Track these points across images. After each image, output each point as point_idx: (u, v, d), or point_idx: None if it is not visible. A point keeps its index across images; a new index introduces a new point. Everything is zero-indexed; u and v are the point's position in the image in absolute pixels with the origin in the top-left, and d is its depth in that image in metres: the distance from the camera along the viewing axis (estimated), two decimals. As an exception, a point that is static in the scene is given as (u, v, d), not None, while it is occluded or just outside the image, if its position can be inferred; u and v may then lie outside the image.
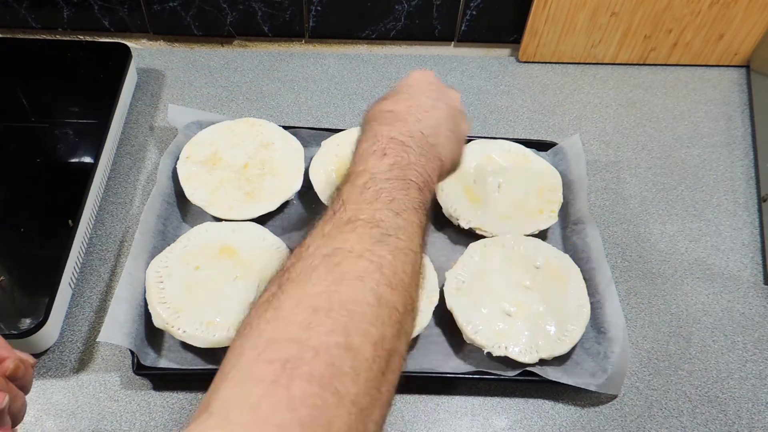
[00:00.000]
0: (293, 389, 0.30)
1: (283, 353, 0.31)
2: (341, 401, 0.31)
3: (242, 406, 0.30)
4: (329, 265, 0.35)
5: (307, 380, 0.30)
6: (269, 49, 0.92)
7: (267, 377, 0.30)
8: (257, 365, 0.31)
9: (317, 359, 0.31)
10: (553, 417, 0.62)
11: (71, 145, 0.74)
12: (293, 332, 0.32)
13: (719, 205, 0.78)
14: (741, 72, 0.92)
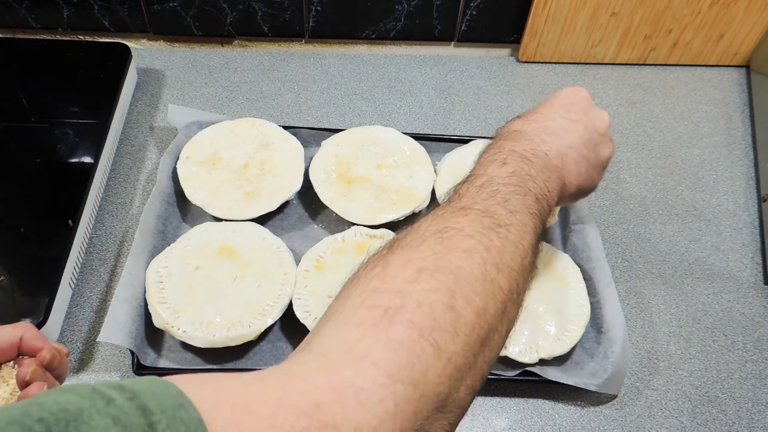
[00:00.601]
0: (392, 332, 0.30)
1: (386, 301, 0.32)
2: (439, 354, 0.31)
3: (340, 344, 0.31)
4: (440, 237, 0.36)
5: (408, 326, 0.31)
6: (269, 49, 0.92)
7: (368, 321, 0.31)
8: (360, 310, 0.32)
9: (419, 310, 0.32)
10: (553, 417, 0.62)
11: (71, 145, 0.74)
12: (398, 285, 0.33)
13: (719, 205, 0.78)
14: (741, 72, 0.92)
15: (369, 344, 0.30)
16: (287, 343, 0.64)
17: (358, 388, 0.29)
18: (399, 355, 0.30)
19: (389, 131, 0.76)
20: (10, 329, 0.44)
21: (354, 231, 0.68)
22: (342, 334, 0.32)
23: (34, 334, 0.44)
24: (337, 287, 0.62)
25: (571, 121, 0.50)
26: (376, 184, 0.72)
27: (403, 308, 0.32)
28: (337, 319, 0.33)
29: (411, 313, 0.31)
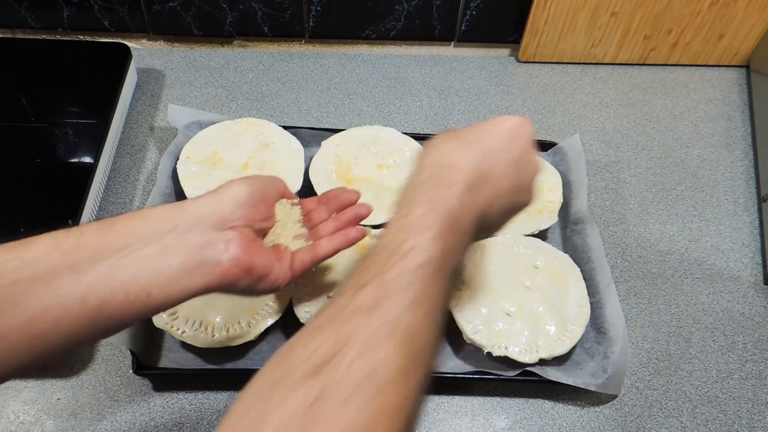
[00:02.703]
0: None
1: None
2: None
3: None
4: (364, 396, 0.33)
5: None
6: (269, 49, 0.92)
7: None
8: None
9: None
10: (553, 417, 0.62)
11: (71, 145, 0.74)
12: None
13: (719, 205, 0.78)
14: (741, 72, 0.92)
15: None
16: (287, 343, 0.64)
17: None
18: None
19: (389, 131, 0.76)
20: (274, 178, 0.53)
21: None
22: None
23: (286, 186, 0.54)
24: (337, 287, 0.63)
25: (508, 163, 0.47)
26: (376, 184, 0.72)
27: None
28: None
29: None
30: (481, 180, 0.45)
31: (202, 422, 0.60)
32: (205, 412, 0.60)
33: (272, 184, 0.52)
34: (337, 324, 0.36)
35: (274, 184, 0.53)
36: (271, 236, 0.52)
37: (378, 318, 0.36)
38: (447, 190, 0.43)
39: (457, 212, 0.42)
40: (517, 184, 0.48)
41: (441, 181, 0.44)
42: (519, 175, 0.48)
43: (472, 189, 0.44)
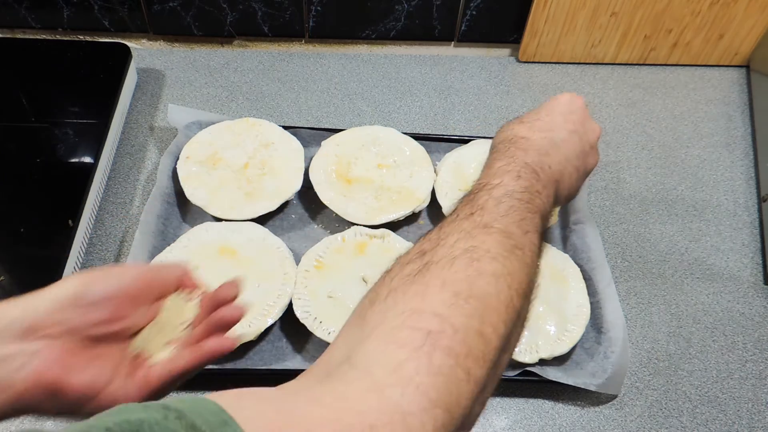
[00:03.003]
0: (434, 358, 0.32)
1: (427, 324, 0.34)
2: (468, 379, 0.34)
3: (386, 364, 0.32)
4: (469, 259, 0.38)
5: (447, 353, 0.33)
6: (269, 49, 0.92)
7: (411, 342, 0.33)
8: (402, 330, 0.34)
9: (456, 336, 0.34)
10: (553, 417, 0.62)
11: (71, 145, 0.74)
12: (437, 308, 0.35)
13: (719, 205, 0.78)
14: (741, 72, 0.92)
15: (414, 368, 0.32)
16: (287, 343, 0.64)
17: (405, 412, 0.31)
18: (439, 381, 0.32)
19: (389, 131, 0.76)
20: (174, 265, 0.48)
21: (354, 231, 0.68)
22: (386, 353, 0.33)
23: (191, 273, 0.49)
24: (337, 287, 0.63)
25: (570, 132, 0.52)
26: (376, 184, 0.72)
27: (442, 333, 0.34)
28: (378, 336, 0.34)
29: (449, 339, 0.34)
30: (551, 147, 0.49)
31: (202, 422, 0.60)
32: (205, 412, 0.60)
33: (152, 275, 0.45)
34: (436, 232, 0.41)
35: (157, 273, 0.45)
36: (139, 341, 0.43)
37: (473, 221, 0.41)
38: (522, 152, 0.48)
39: (534, 166, 0.47)
40: (582, 147, 0.52)
41: (516, 149, 0.48)
42: (582, 139, 0.52)
43: (543, 154, 0.48)
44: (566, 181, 0.50)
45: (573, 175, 0.51)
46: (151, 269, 0.46)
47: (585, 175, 0.54)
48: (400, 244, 0.67)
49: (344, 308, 0.62)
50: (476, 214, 0.42)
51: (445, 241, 0.40)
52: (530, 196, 0.44)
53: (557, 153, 0.50)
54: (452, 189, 0.72)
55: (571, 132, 0.52)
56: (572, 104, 0.54)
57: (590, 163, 0.54)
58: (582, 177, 0.54)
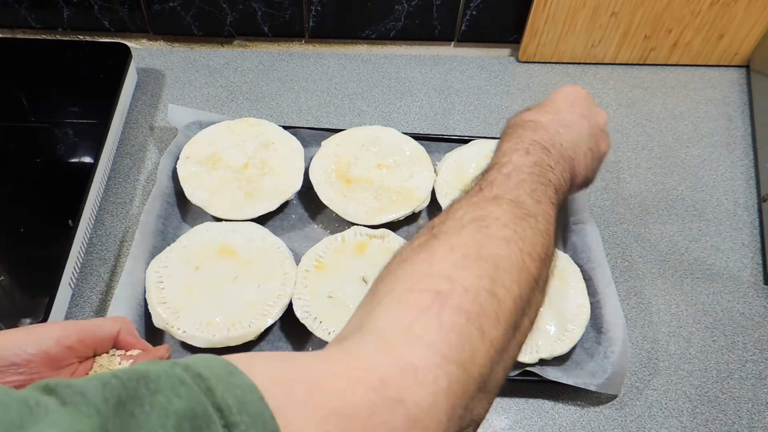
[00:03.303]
0: (444, 316, 0.33)
1: (435, 286, 0.34)
2: (483, 337, 0.33)
3: (396, 326, 0.33)
4: (478, 226, 0.38)
5: (457, 311, 0.33)
6: (269, 49, 0.92)
7: (420, 304, 0.33)
8: (411, 294, 0.34)
9: (466, 295, 0.34)
10: (553, 417, 0.62)
11: (71, 145, 0.74)
12: (446, 270, 0.35)
13: (719, 205, 0.78)
14: (741, 72, 0.92)
15: (423, 326, 0.32)
16: (287, 343, 0.64)
17: (416, 367, 0.31)
18: (450, 337, 0.32)
19: (389, 131, 0.76)
20: (111, 321, 0.46)
21: (354, 231, 0.68)
22: (396, 316, 0.33)
23: (130, 330, 0.46)
24: (337, 287, 0.63)
25: (578, 116, 0.52)
26: (376, 184, 0.72)
27: (452, 293, 0.34)
28: (389, 302, 0.34)
29: (459, 298, 0.33)
30: (561, 126, 0.50)
31: (202, 422, 0.60)
32: (205, 412, 0.60)
33: (82, 333, 0.43)
34: (446, 210, 0.41)
35: (89, 331, 0.43)
36: None
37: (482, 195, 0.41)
38: (530, 132, 0.48)
39: (544, 143, 0.47)
40: (591, 130, 0.53)
41: (523, 130, 0.49)
42: (590, 123, 0.53)
43: (553, 132, 0.49)
44: (581, 162, 0.51)
45: (588, 156, 0.52)
46: (83, 327, 0.43)
47: (599, 159, 0.55)
48: (400, 244, 0.67)
49: (344, 308, 0.62)
50: (485, 189, 0.42)
51: (455, 214, 0.40)
52: (541, 170, 0.44)
53: (567, 132, 0.50)
54: (452, 189, 0.72)
55: (580, 116, 0.53)
56: (576, 93, 0.55)
57: (603, 146, 0.55)
58: (597, 160, 0.54)
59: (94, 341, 0.44)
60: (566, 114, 0.52)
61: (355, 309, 0.37)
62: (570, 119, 0.51)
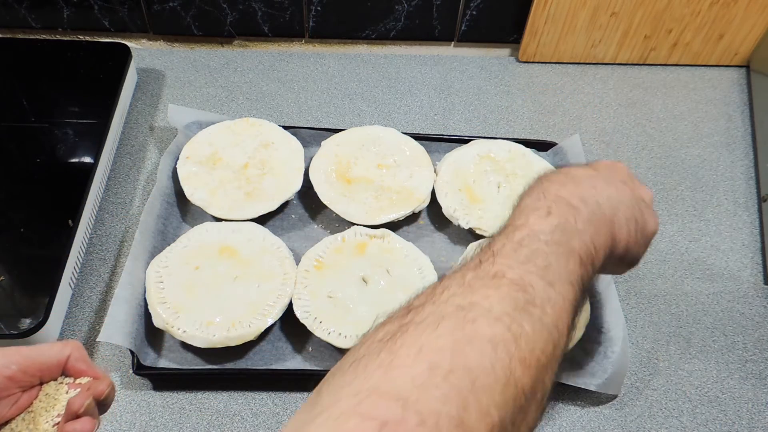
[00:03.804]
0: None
1: (384, 411, 0.27)
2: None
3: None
4: (461, 319, 0.31)
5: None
6: (269, 49, 0.92)
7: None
8: (351, 418, 0.27)
9: (421, 428, 0.26)
10: (553, 417, 0.62)
11: (71, 145, 0.74)
12: (402, 387, 0.28)
13: (719, 205, 0.78)
14: (741, 72, 0.92)
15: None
16: (287, 343, 0.64)
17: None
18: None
19: (389, 131, 0.76)
20: (59, 347, 0.42)
21: (354, 231, 0.68)
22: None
23: (81, 356, 0.43)
24: (337, 287, 0.63)
25: (620, 182, 0.45)
26: (376, 184, 0.72)
27: (402, 424, 0.26)
28: (323, 421, 0.28)
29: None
30: (597, 181, 0.42)
31: (202, 422, 0.60)
32: (205, 412, 0.60)
33: (25, 362, 0.40)
34: (434, 285, 0.34)
35: (34, 358, 0.41)
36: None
37: (480, 271, 0.34)
38: (557, 185, 0.41)
39: (572, 199, 0.39)
40: (635, 199, 0.45)
41: (549, 182, 0.41)
42: (633, 191, 0.45)
43: (587, 187, 0.41)
44: (623, 227, 0.42)
45: (631, 222, 0.43)
46: (27, 355, 0.41)
47: (645, 236, 0.46)
48: (400, 244, 0.67)
49: (344, 308, 0.62)
50: (486, 262, 0.35)
51: (438, 297, 0.32)
52: (563, 237, 0.37)
53: (606, 188, 0.41)
54: (452, 189, 0.72)
55: (620, 181, 0.44)
56: (614, 165, 0.47)
57: (650, 223, 0.46)
58: (643, 236, 0.45)
59: (40, 369, 0.41)
60: (605, 174, 0.44)
61: (295, 413, 0.31)
62: (610, 179, 0.43)
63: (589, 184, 0.41)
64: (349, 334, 0.60)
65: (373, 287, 0.64)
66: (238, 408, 0.61)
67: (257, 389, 0.62)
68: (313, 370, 0.62)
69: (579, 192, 0.40)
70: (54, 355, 0.42)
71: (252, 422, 0.60)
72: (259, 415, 0.60)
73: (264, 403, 0.61)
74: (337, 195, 0.71)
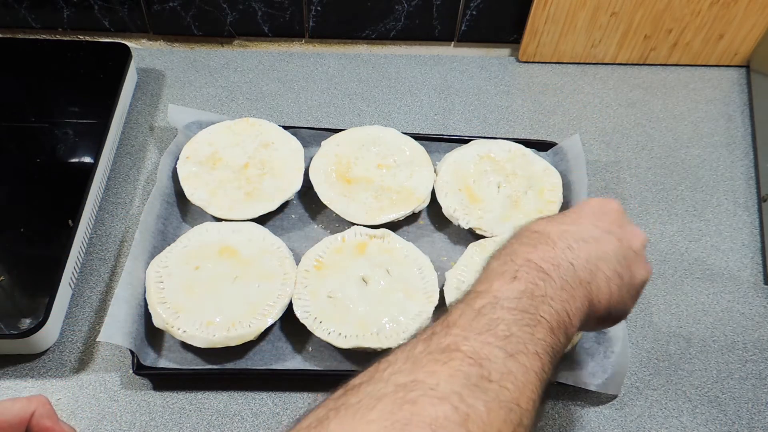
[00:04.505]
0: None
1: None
2: None
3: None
4: (400, 399, 0.27)
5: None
6: (269, 49, 0.92)
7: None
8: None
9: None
10: (553, 417, 0.62)
11: (71, 145, 0.74)
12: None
13: (719, 205, 0.78)
14: (741, 72, 0.92)
15: None
16: (287, 343, 0.64)
17: None
18: None
19: (389, 131, 0.76)
20: (23, 403, 0.40)
21: (354, 231, 0.68)
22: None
23: (46, 412, 0.41)
24: (337, 287, 0.63)
25: (603, 231, 0.42)
26: (376, 184, 0.72)
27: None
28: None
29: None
30: (575, 241, 0.39)
31: (202, 422, 0.60)
32: (205, 412, 0.60)
33: (19, 411, 0.40)
34: (381, 360, 0.31)
35: (22, 410, 0.40)
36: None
37: (431, 344, 0.30)
38: (528, 248, 0.38)
39: (542, 263, 0.36)
40: (622, 251, 0.42)
41: (519, 244, 0.39)
42: (621, 241, 0.42)
43: (563, 248, 0.38)
44: (604, 287, 0.39)
45: (613, 281, 0.40)
46: None
47: (633, 288, 0.43)
48: (400, 244, 0.67)
49: (344, 308, 0.62)
50: (439, 334, 0.31)
51: (380, 374, 0.29)
52: (530, 304, 0.34)
53: (584, 249, 0.39)
54: (452, 189, 0.72)
55: (605, 231, 0.42)
56: (606, 205, 0.45)
57: (638, 273, 0.43)
58: (629, 290, 0.43)
59: (1, 429, 0.39)
60: (587, 226, 0.41)
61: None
62: (591, 233, 0.41)
63: (564, 244, 0.39)
64: (349, 334, 0.60)
65: (373, 287, 0.64)
66: (238, 408, 0.61)
67: (257, 389, 0.62)
68: (313, 370, 0.62)
69: (552, 255, 0.37)
70: (16, 412, 0.40)
71: (252, 422, 0.60)
72: (259, 415, 0.61)
73: (264, 403, 0.61)
74: (337, 195, 0.71)
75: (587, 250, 0.39)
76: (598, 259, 0.39)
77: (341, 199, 0.71)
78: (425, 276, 0.65)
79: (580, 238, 0.39)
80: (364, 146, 0.75)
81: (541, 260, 0.36)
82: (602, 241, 0.41)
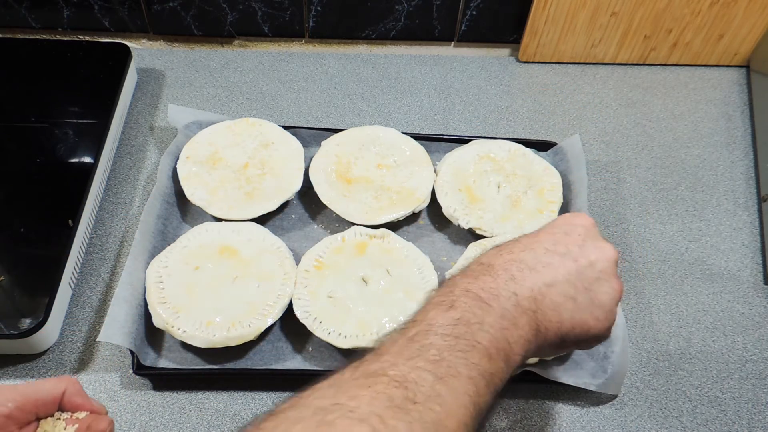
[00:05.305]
0: None
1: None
2: None
3: None
4: (318, 421, 0.27)
5: None
6: (269, 49, 0.92)
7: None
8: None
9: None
10: (553, 417, 0.62)
11: (71, 145, 0.74)
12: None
13: (719, 205, 0.78)
14: (741, 72, 0.92)
15: None
16: (287, 343, 0.64)
17: None
18: None
19: (389, 131, 0.76)
20: (54, 382, 0.42)
21: (354, 231, 0.68)
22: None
23: (77, 390, 0.43)
24: (337, 287, 0.63)
25: (558, 255, 0.41)
26: (376, 184, 0.72)
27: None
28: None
29: None
30: (520, 271, 0.39)
31: (202, 422, 0.60)
32: (205, 412, 0.60)
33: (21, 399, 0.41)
34: (313, 386, 0.31)
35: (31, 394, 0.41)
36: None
37: (357, 370, 0.30)
38: (469, 279, 0.38)
39: (481, 293, 0.36)
40: (579, 272, 0.41)
41: (462, 276, 0.39)
42: (578, 262, 0.41)
43: (506, 279, 0.38)
44: (551, 314, 0.39)
45: (565, 306, 0.40)
46: (22, 392, 0.41)
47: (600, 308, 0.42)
48: (400, 244, 0.67)
49: (344, 308, 0.62)
50: (369, 361, 0.31)
51: (305, 399, 0.29)
52: (465, 330, 0.33)
53: (531, 277, 0.39)
54: (452, 189, 0.72)
55: (560, 254, 0.41)
56: (575, 221, 0.44)
57: (603, 292, 0.42)
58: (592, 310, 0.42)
59: (36, 406, 0.41)
60: (539, 252, 0.41)
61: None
62: (541, 259, 0.41)
63: (507, 275, 0.38)
64: (349, 334, 0.60)
65: (373, 287, 0.64)
66: (238, 408, 0.61)
67: (257, 389, 0.62)
68: (313, 370, 0.62)
69: (493, 285, 0.37)
70: (49, 390, 0.42)
71: (252, 422, 0.60)
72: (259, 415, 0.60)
73: (264, 403, 0.61)
74: (337, 195, 0.71)
75: (533, 278, 0.39)
76: (545, 285, 0.39)
77: (341, 199, 0.71)
78: (425, 276, 0.65)
79: (526, 267, 0.40)
80: (364, 146, 0.75)
81: (481, 290, 0.36)
82: (553, 266, 0.41)
